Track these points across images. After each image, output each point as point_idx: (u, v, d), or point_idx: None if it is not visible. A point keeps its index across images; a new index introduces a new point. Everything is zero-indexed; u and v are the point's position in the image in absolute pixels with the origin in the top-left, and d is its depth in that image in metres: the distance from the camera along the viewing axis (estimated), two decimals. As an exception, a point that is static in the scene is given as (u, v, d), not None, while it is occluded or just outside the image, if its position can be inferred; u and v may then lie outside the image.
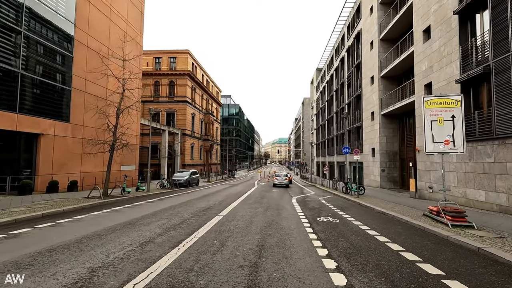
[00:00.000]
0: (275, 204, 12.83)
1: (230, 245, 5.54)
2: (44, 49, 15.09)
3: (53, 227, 7.25)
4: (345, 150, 19.42)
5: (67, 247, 5.29)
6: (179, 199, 14.29)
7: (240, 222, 7.96)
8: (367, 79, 26.11)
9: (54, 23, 15.72)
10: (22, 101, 13.83)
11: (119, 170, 21.96)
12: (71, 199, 12.41)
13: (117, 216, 8.90)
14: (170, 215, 9.21)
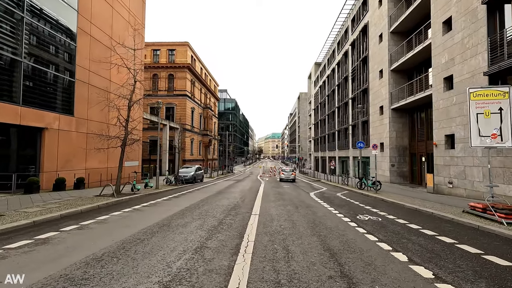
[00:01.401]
0: (299, 201, 12.34)
1: (295, 249, 5.00)
2: (46, 37, 14.06)
3: (80, 229, 6.56)
4: (359, 144, 19.07)
5: (115, 255, 4.65)
6: (196, 196, 13.65)
7: (282, 222, 7.42)
8: (375, 72, 25.74)
9: (56, 8, 14.65)
10: (25, 92, 12.85)
11: (123, 166, 21.04)
12: (83, 198, 11.63)
13: (144, 217, 8.23)
14: (200, 214, 8.59)
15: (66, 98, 15.38)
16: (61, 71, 14.92)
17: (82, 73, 16.45)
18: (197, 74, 41.40)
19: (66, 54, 15.36)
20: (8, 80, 12.10)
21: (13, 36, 12.22)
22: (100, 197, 12.08)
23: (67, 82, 15.39)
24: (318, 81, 54.85)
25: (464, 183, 13.89)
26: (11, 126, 12.56)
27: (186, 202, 11.45)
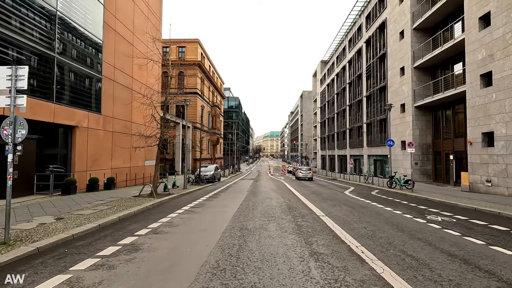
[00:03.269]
0: (346, 200, 12.01)
1: (423, 257, 4.64)
2: (76, 32, 13.51)
3: (156, 234, 6.13)
4: (389, 143, 18.81)
5: (235, 263, 4.24)
6: (234, 196, 13.25)
7: (364, 225, 7.06)
8: (394, 70, 25.48)
9: (85, 2, 14.10)
10: (58, 89, 12.32)
11: (143, 165, 20.58)
12: (124, 199, 11.16)
13: (207, 219, 7.82)
14: (262, 215, 8.19)
15: (94, 96, 14.86)
16: (89, 68, 14.38)
17: (108, 69, 15.93)
18: (206, 71, 40.87)
19: (94, 50, 14.82)
20: (43, 77, 11.58)
21: (47, 31, 11.67)
22: (139, 197, 11.63)
23: (95, 79, 14.87)
24: (325, 79, 54.55)
25: (506, 182, 13.66)
26: (45, 124, 12.03)
27: (232, 202, 11.05)
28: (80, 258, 4.59)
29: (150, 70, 21.48)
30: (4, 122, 5.46)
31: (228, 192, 15.36)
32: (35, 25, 11.05)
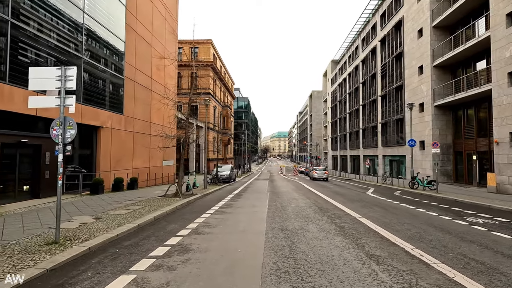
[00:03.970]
0: (372, 201, 11.84)
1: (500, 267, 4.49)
2: (101, 34, 13.65)
3: (199, 234, 6.10)
4: (410, 142, 18.50)
5: (308, 266, 4.16)
6: (259, 197, 13.18)
7: (408, 228, 6.90)
8: (412, 69, 25.06)
9: (108, 3, 14.23)
10: (85, 91, 12.45)
11: (161, 165, 20.71)
12: (151, 199, 11.21)
13: (243, 219, 7.77)
14: (297, 216, 8.09)
15: (117, 96, 14.99)
16: (112, 68, 14.52)
17: (129, 70, 16.07)
18: (218, 72, 40.95)
19: (117, 51, 14.95)
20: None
21: (74, 31, 11.81)
22: (165, 197, 11.65)
23: (118, 79, 15.00)
24: (336, 79, 54.09)
25: (538, 183, 13.25)
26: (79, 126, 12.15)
27: (258, 202, 10.98)
28: (134, 258, 4.58)
29: (167, 71, 21.65)
30: (53, 123, 5.50)
31: (249, 193, 15.31)
32: (63, 27, 11.19)
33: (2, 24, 8.56)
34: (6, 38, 8.67)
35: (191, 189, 14.01)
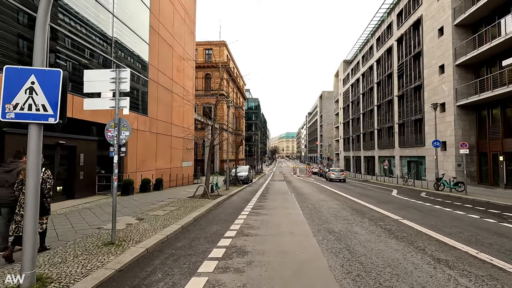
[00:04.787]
0: (404, 202, 11.62)
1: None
2: (128, 36, 13.81)
3: (248, 236, 6.06)
4: (435, 143, 18.17)
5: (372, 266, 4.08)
6: (286, 198, 13.10)
7: (460, 232, 6.72)
8: (432, 68, 24.62)
9: (134, 7, 14.40)
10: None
11: (181, 166, 20.83)
12: (182, 200, 11.26)
13: (284, 220, 7.71)
14: (336, 218, 7.99)
15: (142, 98, 15.14)
16: (138, 71, 14.68)
17: (153, 72, 16.22)
18: (231, 73, 41.08)
19: (142, 53, 15.10)
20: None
21: (104, 34, 11.98)
22: (194, 198, 11.68)
23: (143, 81, 15.16)
24: (349, 79, 53.62)
25: None
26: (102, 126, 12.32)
27: (288, 204, 10.92)
28: (195, 260, 4.56)
29: (186, 72, 21.82)
30: (108, 124, 5.55)
31: (272, 194, 15.24)
32: (95, 30, 11.36)
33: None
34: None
35: (216, 190, 14.02)
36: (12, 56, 7.86)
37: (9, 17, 7.78)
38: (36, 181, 3.42)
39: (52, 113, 3.47)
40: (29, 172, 3.39)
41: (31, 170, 3.40)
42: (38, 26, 3.53)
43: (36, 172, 3.42)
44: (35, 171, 3.41)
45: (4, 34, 7.61)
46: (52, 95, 3.48)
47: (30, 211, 3.38)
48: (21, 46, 8.25)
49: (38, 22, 3.54)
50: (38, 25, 3.53)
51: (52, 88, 3.48)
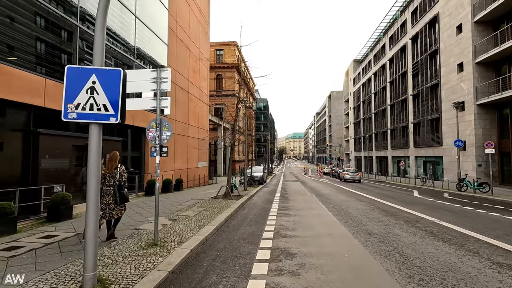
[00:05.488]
0: (431, 204, 11.37)
1: None
2: (149, 37, 13.87)
3: (288, 237, 5.96)
4: (457, 143, 17.78)
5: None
6: (308, 198, 12.95)
7: (508, 234, 6.50)
8: (450, 66, 24.13)
9: (154, 9, 14.47)
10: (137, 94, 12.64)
11: (197, 167, 20.85)
12: (206, 200, 11.22)
13: (318, 223, 7.58)
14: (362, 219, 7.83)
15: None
16: (158, 71, 14.70)
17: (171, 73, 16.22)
18: (242, 73, 41.06)
19: (160, 54, 15.15)
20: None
21: (126, 35, 12.04)
22: (217, 198, 11.63)
23: (162, 82, 15.17)
24: (360, 79, 53.08)
25: None
26: (125, 127, 12.41)
27: (312, 205, 10.78)
28: (244, 262, 4.48)
29: (201, 73, 21.88)
30: (149, 125, 5.53)
31: (292, 195, 15.10)
32: (118, 31, 11.42)
33: (70, 27, 8.79)
34: (75, 43, 8.91)
35: (236, 190, 13.96)
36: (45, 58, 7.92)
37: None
38: (97, 179, 3.38)
39: (113, 112, 3.43)
40: (91, 172, 3.36)
41: (92, 170, 3.36)
42: (98, 26, 3.50)
43: (97, 171, 3.38)
44: (96, 171, 3.38)
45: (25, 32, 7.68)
46: (112, 94, 3.44)
47: (92, 212, 3.35)
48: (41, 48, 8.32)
49: (97, 22, 3.51)
50: (98, 25, 3.50)
51: (113, 87, 3.44)
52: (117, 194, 5.15)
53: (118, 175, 5.26)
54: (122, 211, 5.40)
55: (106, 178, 5.20)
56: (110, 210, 5.17)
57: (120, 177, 5.28)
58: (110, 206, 5.16)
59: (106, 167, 5.26)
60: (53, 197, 6.72)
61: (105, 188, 5.16)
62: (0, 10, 6.56)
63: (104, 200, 5.12)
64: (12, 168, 7.22)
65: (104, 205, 5.12)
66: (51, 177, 7.79)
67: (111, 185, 5.20)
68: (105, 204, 5.13)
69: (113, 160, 5.33)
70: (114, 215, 5.22)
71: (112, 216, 5.20)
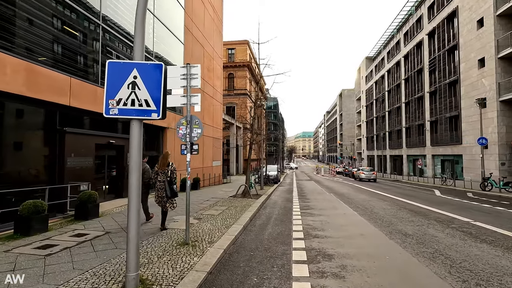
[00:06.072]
0: (459, 204, 10.95)
1: None
2: (166, 36, 13.86)
3: (320, 238, 5.78)
4: (480, 141, 17.17)
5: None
6: (326, 198, 12.71)
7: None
8: (470, 62, 23.36)
9: (171, 7, 14.46)
10: (155, 92, 12.66)
11: (211, 166, 20.83)
12: (226, 199, 11.14)
13: (346, 222, 7.37)
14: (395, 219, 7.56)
15: (179, 97, 15.15)
16: (175, 70, 14.69)
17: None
18: (254, 72, 40.92)
19: (177, 53, 15.14)
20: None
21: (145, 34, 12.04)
22: (236, 197, 11.53)
23: (179, 81, 15.16)
24: (372, 76, 52.18)
25: None
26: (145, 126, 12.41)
27: (335, 204, 10.55)
28: (281, 263, 4.33)
29: (215, 72, 21.83)
30: (179, 122, 5.44)
31: (309, 193, 14.89)
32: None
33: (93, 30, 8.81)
34: (97, 47, 8.93)
35: (253, 188, 13.84)
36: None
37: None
38: (138, 176, 3.27)
39: (155, 108, 3.32)
40: (132, 169, 3.26)
41: (134, 167, 3.26)
42: (138, 19, 3.41)
43: (138, 168, 3.28)
44: (137, 168, 3.27)
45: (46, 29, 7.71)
46: (154, 89, 3.33)
47: (133, 211, 3.24)
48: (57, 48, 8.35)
49: (137, 14, 3.43)
50: (138, 18, 3.41)
51: (154, 82, 3.33)
52: (168, 189, 5.72)
53: (169, 172, 5.86)
54: (173, 204, 5.98)
55: (159, 174, 5.86)
56: (164, 202, 5.81)
57: (171, 174, 5.88)
58: (164, 199, 5.78)
59: (159, 164, 5.95)
60: (81, 195, 6.72)
61: (158, 183, 5.80)
62: (25, 9, 6.59)
63: (158, 194, 5.81)
64: (40, 166, 7.28)
65: (160, 198, 5.79)
66: (76, 176, 7.82)
67: (163, 181, 5.80)
68: (160, 197, 5.80)
69: (165, 158, 6.02)
70: (167, 207, 5.84)
71: (166, 208, 5.85)
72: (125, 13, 10.60)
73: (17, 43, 6.30)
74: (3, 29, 6.00)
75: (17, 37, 6.32)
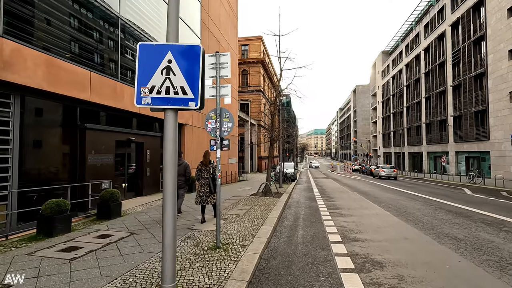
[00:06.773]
0: (502, 205, 10.15)
1: None
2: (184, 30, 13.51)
3: (359, 242, 5.26)
4: (515, 136, 16.05)
5: None
6: (350, 197, 12.12)
7: None
8: (499, 53, 22.02)
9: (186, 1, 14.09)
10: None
11: (227, 163, 20.49)
12: (247, 197, 10.74)
13: (380, 224, 6.82)
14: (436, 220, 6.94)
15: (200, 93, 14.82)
16: (192, 65, 14.36)
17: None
18: (267, 68, 40.34)
19: (194, 47, 14.78)
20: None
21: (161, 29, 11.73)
22: (257, 196, 11.10)
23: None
24: (389, 71, 50.60)
25: None
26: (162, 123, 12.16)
27: (361, 203, 9.96)
28: (328, 271, 3.88)
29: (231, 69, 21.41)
30: (207, 115, 5.04)
31: (330, 192, 14.33)
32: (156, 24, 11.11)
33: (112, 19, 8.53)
34: (116, 42, 8.65)
35: (273, 186, 13.38)
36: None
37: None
38: (174, 173, 2.84)
39: (192, 96, 2.90)
40: (167, 165, 2.84)
41: (168, 164, 2.84)
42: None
43: (173, 164, 2.86)
44: (172, 164, 2.85)
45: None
46: (191, 75, 2.90)
47: (169, 215, 2.82)
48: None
49: (171, -11, 2.99)
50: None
51: (191, 67, 2.90)
52: (212, 184, 6.14)
53: (212, 169, 6.29)
54: (214, 199, 6.18)
55: (202, 171, 6.30)
56: (206, 197, 6.15)
57: (213, 170, 6.26)
58: (206, 194, 6.15)
59: (203, 162, 6.36)
60: (103, 193, 6.44)
61: (202, 180, 6.24)
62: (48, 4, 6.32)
63: (202, 189, 6.19)
64: (61, 164, 7.05)
65: (202, 193, 6.17)
66: (97, 174, 7.58)
67: (207, 178, 6.22)
68: (203, 193, 6.17)
69: (207, 156, 6.39)
70: (209, 201, 6.17)
71: (207, 202, 6.18)
72: (142, 6, 10.29)
73: (36, 36, 6.04)
74: (23, 21, 5.74)
75: (36, 29, 6.06)
